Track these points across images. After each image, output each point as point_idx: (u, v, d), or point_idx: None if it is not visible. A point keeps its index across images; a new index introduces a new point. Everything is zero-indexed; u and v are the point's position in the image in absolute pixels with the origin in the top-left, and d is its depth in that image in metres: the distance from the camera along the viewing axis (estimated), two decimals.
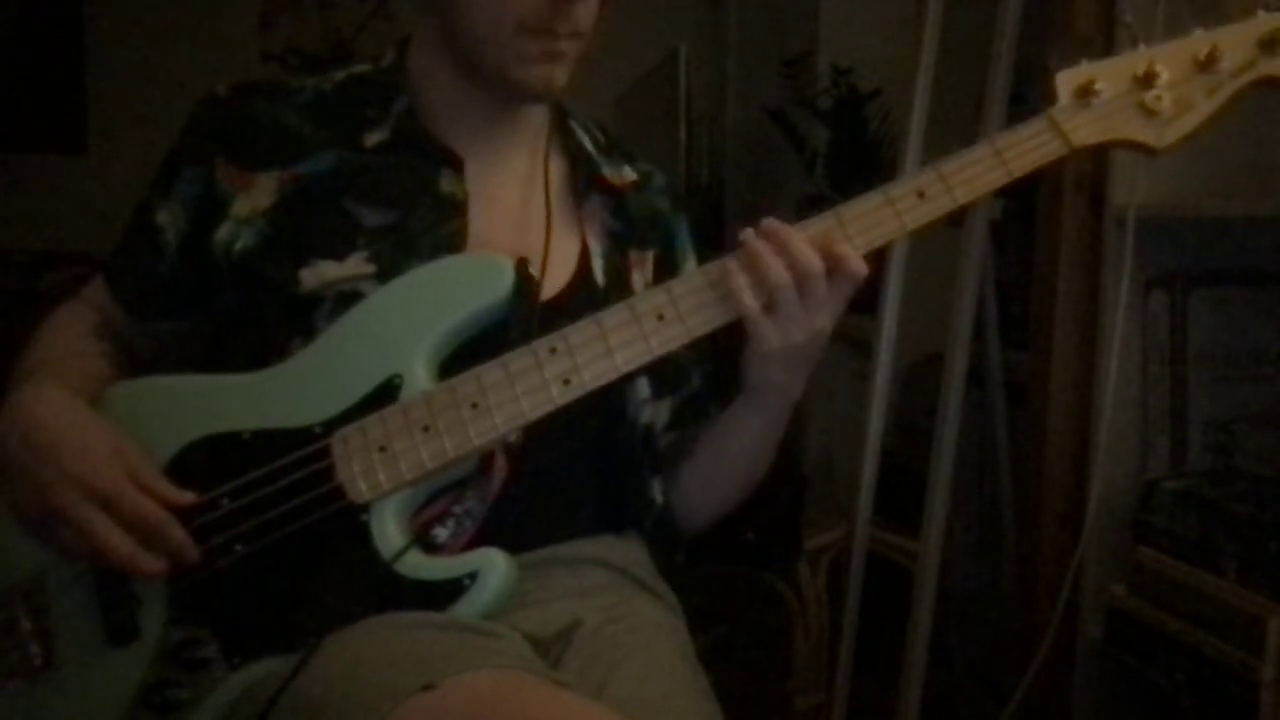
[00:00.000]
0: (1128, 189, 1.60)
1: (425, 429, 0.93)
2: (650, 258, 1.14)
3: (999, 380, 2.30)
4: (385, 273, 0.98)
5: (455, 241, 1.01)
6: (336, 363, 0.96)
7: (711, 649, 1.12)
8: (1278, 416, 1.66)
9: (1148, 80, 0.97)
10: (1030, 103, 1.00)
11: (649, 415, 1.09)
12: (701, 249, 1.19)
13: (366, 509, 0.93)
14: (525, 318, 0.96)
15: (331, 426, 0.94)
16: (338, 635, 0.88)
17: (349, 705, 0.80)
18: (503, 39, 0.98)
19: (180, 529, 0.92)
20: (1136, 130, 0.97)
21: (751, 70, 3.62)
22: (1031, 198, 1.82)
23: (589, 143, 1.15)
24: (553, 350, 0.94)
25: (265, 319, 1.00)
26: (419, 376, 0.95)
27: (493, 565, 0.92)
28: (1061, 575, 1.66)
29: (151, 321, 1.10)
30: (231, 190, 1.03)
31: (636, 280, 1.11)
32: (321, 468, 0.93)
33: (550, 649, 0.97)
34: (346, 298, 0.98)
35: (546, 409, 0.94)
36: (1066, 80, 0.98)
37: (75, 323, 1.10)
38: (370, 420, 0.94)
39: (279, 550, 0.92)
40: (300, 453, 0.93)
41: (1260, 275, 1.70)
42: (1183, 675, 1.46)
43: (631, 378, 1.03)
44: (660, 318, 0.95)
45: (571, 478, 1.06)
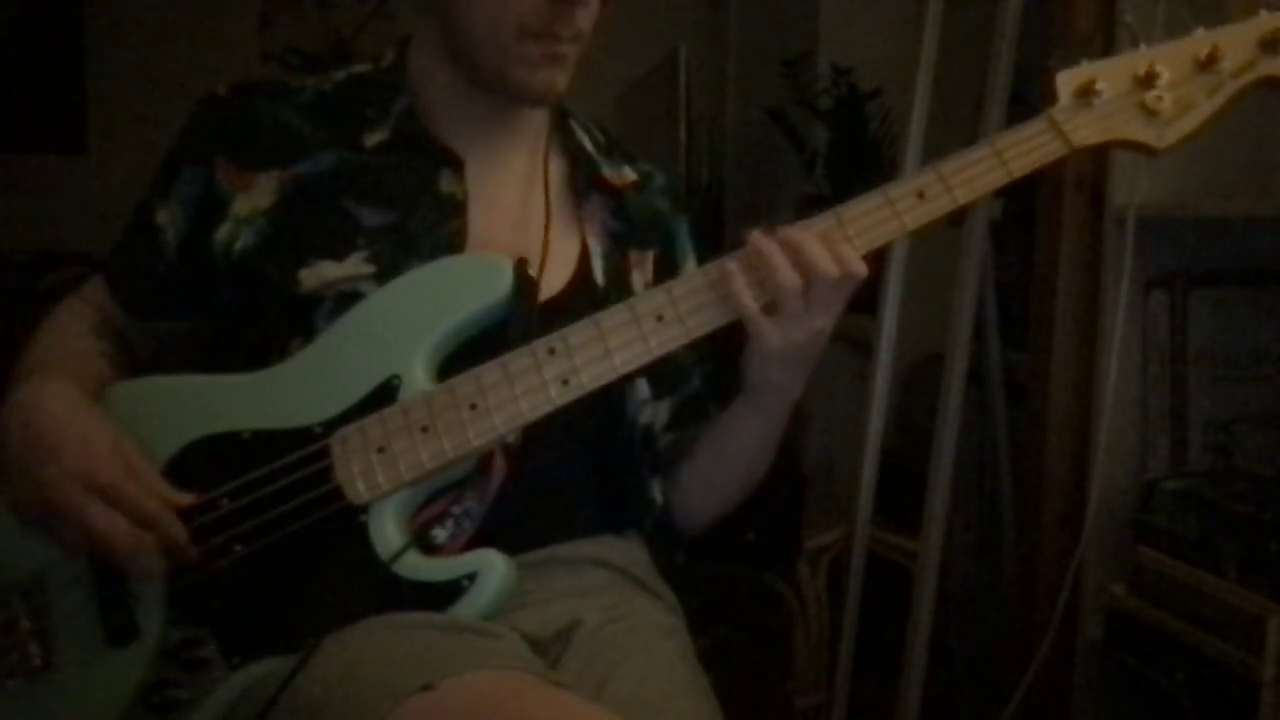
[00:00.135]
0: (1128, 189, 1.60)
1: (424, 430, 0.93)
2: (650, 258, 1.14)
3: (999, 380, 2.30)
4: (385, 273, 0.98)
5: (455, 242, 1.01)
6: (336, 363, 0.96)
7: (711, 649, 1.12)
8: (1278, 416, 1.66)
9: (1148, 80, 0.96)
10: (1030, 103, 1.00)
11: (648, 415, 1.09)
12: (701, 249, 1.19)
13: (365, 510, 0.93)
14: (524, 318, 0.96)
15: (331, 427, 0.94)
16: (337, 636, 0.88)
17: (348, 705, 0.80)
18: (503, 42, 0.98)
19: (179, 524, 0.92)
20: (1137, 130, 0.97)
21: (751, 70, 3.62)
22: (1031, 198, 1.82)
23: (589, 143, 1.14)
24: (551, 351, 0.94)
25: (265, 319, 1.00)
26: (418, 377, 0.95)
27: (491, 566, 0.92)
28: (1061, 575, 1.66)
29: (151, 321, 1.10)
30: (231, 190, 1.03)
31: (636, 280, 1.11)
32: (320, 468, 0.93)
33: (550, 649, 0.97)
34: (346, 298, 0.98)
35: (545, 410, 0.93)
36: (1067, 80, 0.97)
37: (75, 322, 1.10)
38: (369, 421, 0.94)
39: (278, 551, 0.92)
40: (299, 453, 0.94)
41: (1260, 275, 1.70)
42: (1183, 675, 1.46)
43: (631, 378, 1.03)
44: (659, 318, 0.95)
45: (570, 478, 1.06)
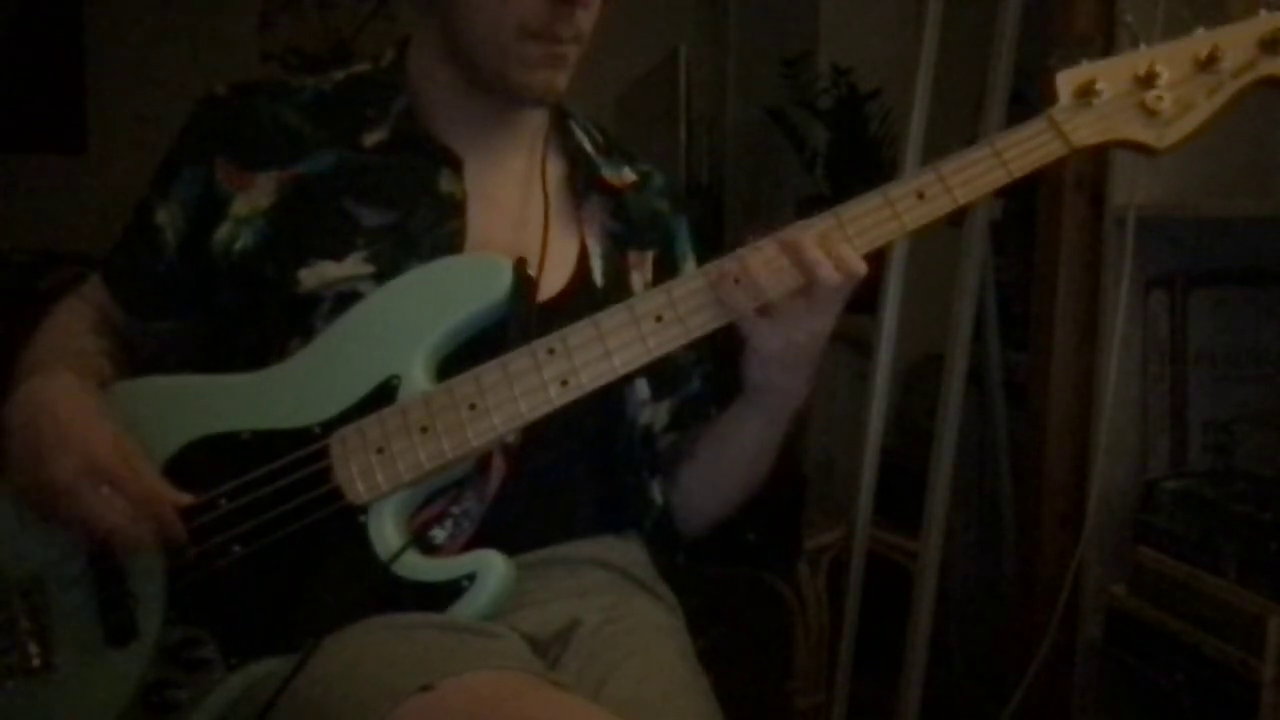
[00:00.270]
0: (1128, 189, 1.60)
1: (423, 430, 0.93)
2: (649, 258, 1.14)
3: (999, 380, 2.31)
4: (384, 273, 0.98)
5: (454, 241, 1.01)
6: (335, 363, 0.96)
7: (711, 649, 1.12)
8: (1278, 416, 1.66)
9: (1148, 80, 0.96)
10: (1030, 103, 0.99)
11: (648, 416, 1.09)
12: (701, 249, 1.18)
13: (364, 510, 0.93)
14: (523, 318, 0.96)
15: (330, 427, 0.94)
16: (336, 636, 0.88)
17: (348, 706, 0.80)
18: (503, 42, 0.98)
19: (173, 510, 0.92)
20: (1137, 130, 0.97)
21: (751, 70, 3.62)
22: (1031, 198, 1.82)
23: (588, 143, 1.14)
24: (551, 351, 0.94)
25: (264, 319, 1.00)
26: (417, 377, 0.95)
27: (491, 566, 0.92)
28: (1061, 575, 1.66)
29: (150, 321, 1.10)
30: (231, 190, 1.02)
31: (636, 281, 1.11)
32: (320, 469, 0.93)
33: (549, 649, 0.97)
34: (345, 298, 0.98)
35: (544, 410, 0.93)
36: (1067, 80, 0.97)
37: (75, 321, 1.10)
38: (368, 421, 0.93)
39: (277, 551, 0.92)
40: (298, 453, 0.94)
41: (1260, 275, 1.69)
42: (1183, 675, 1.46)
43: (630, 379, 1.03)
44: (659, 319, 0.94)
45: (570, 478, 1.06)
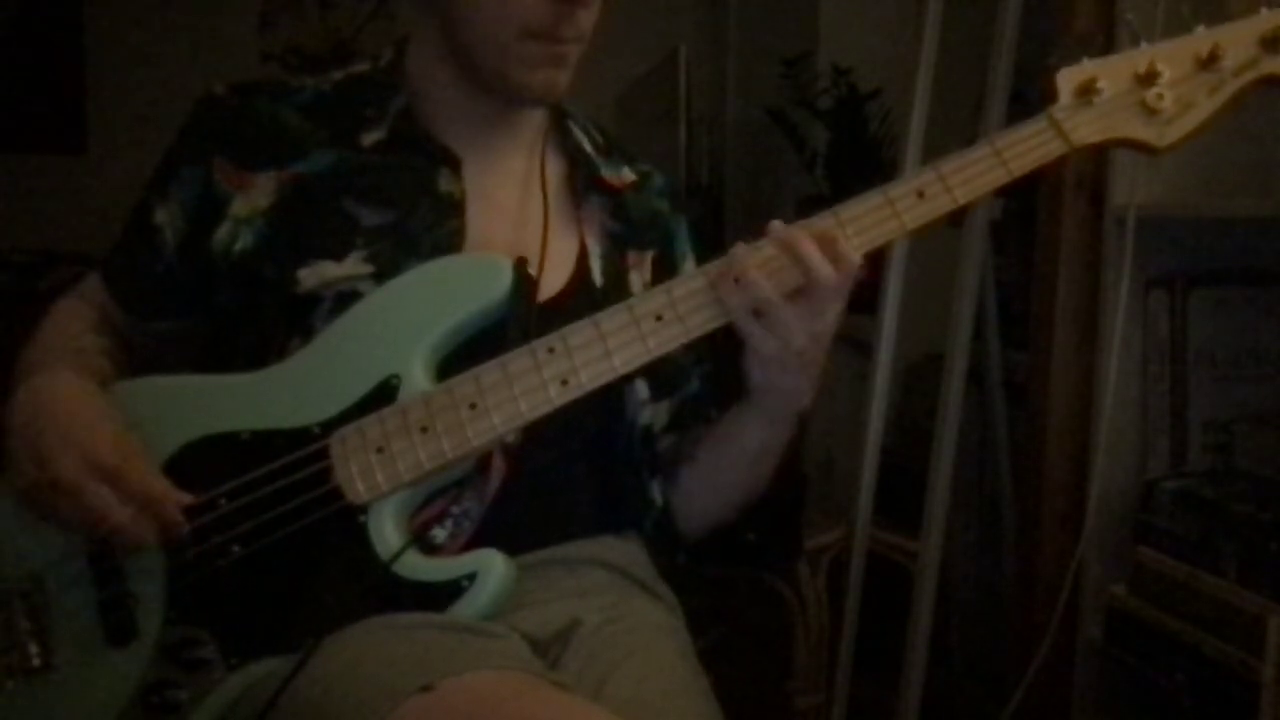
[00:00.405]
0: (1128, 189, 1.60)
1: (423, 430, 0.93)
2: (649, 258, 1.14)
3: (999, 380, 2.30)
4: (383, 272, 0.98)
5: (453, 241, 1.01)
6: (335, 363, 0.96)
7: (711, 649, 1.12)
8: (1278, 416, 1.66)
9: (1149, 79, 0.96)
10: (1030, 102, 0.99)
11: (648, 417, 1.09)
12: (701, 249, 1.18)
13: (364, 510, 0.93)
14: (523, 317, 0.96)
15: (330, 427, 0.94)
16: (336, 636, 0.88)
17: (348, 706, 0.80)
18: (505, 42, 0.98)
19: (177, 509, 0.92)
20: (1137, 129, 0.96)
21: (751, 70, 3.62)
22: (1031, 198, 1.82)
23: (588, 143, 1.14)
24: (551, 351, 0.94)
25: (264, 319, 1.00)
26: (417, 377, 0.95)
27: (491, 566, 0.92)
28: (1061, 575, 1.66)
29: (149, 320, 1.10)
30: (230, 190, 1.02)
31: (635, 281, 1.11)
32: (320, 469, 0.93)
33: (549, 649, 0.97)
34: (345, 298, 0.98)
35: (544, 410, 0.93)
36: (1067, 79, 0.97)
37: (75, 320, 1.10)
38: (368, 421, 0.93)
39: (277, 551, 0.92)
40: (298, 453, 0.93)
41: (1260, 275, 1.69)
42: (1183, 675, 1.46)
43: (630, 379, 1.03)
44: (659, 319, 0.94)
45: (570, 479, 1.06)
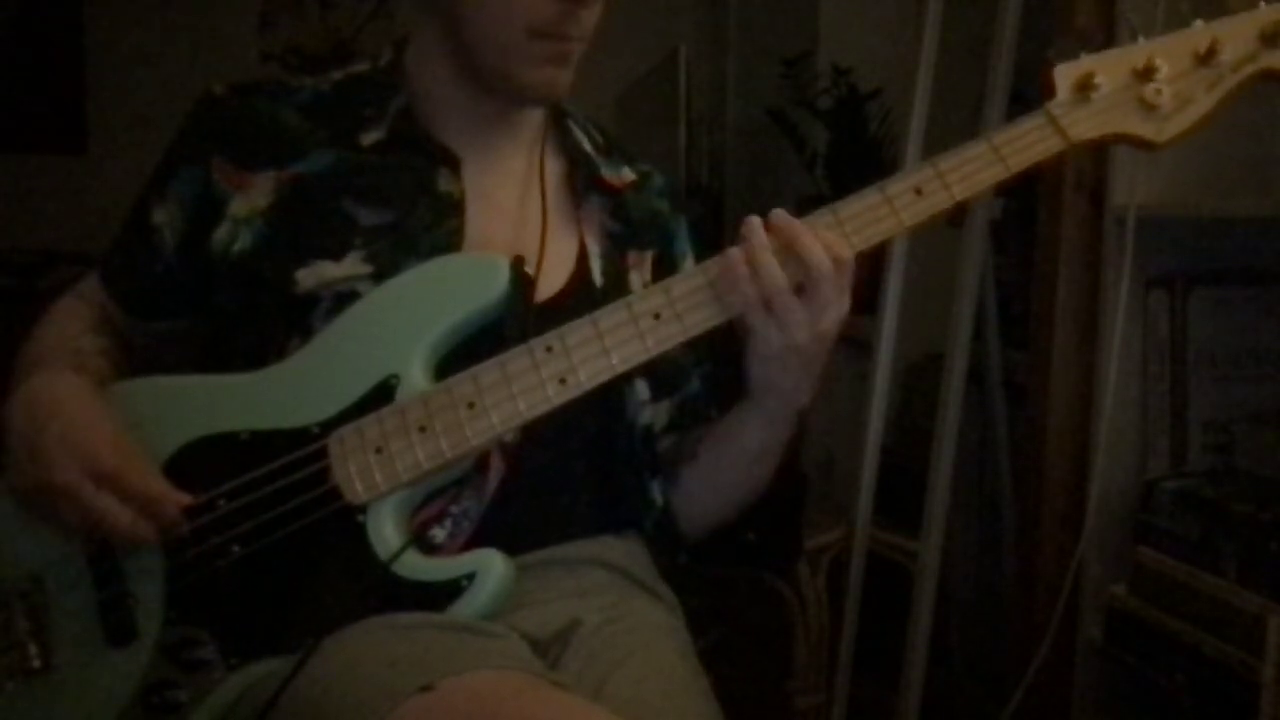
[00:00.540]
0: (1128, 188, 1.59)
1: (422, 429, 0.93)
2: (649, 258, 1.14)
3: (999, 380, 2.30)
4: (382, 272, 0.98)
5: (452, 241, 1.01)
6: (333, 363, 0.96)
7: (711, 649, 1.12)
8: (1278, 416, 1.66)
9: (1147, 74, 0.95)
10: (1030, 102, 0.99)
11: (648, 417, 1.09)
12: (701, 249, 1.18)
13: (363, 510, 0.93)
14: (521, 317, 0.96)
15: (328, 427, 0.94)
16: (336, 636, 0.88)
17: (347, 706, 0.80)
18: (509, 42, 0.98)
19: (177, 510, 0.92)
20: (1136, 125, 0.96)
21: (751, 70, 3.62)
22: (1031, 197, 1.82)
23: (587, 143, 1.14)
24: (549, 350, 0.94)
25: (263, 319, 1.00)
26: (416, 376, 0.94)
27: (490, 566, 0.92)
28: (1061, 575, 1.66)
29: (149, 320, 1.10)
30: (229, 190, 1.02)
31: (635, 281, 1.11)
32: (318, 469, 0.93)
33: (549, 649, 0.97)
34: (344, 297, 0.98)
35: (543, 409, 0.93)
36: (1065, 74, 0.96)
37: (73, 320, 1.10)
38: (367, 421, 0.93)
39: (276, 551, 0.92)
40: (297, 453, 0.93)
41: (1260, 275, 1.69)
42: (1183, 675, 1.46)
43: (630, 378, 1.03)
44: (657, 317, 0.94)
45: (569, 478, 1.06)
